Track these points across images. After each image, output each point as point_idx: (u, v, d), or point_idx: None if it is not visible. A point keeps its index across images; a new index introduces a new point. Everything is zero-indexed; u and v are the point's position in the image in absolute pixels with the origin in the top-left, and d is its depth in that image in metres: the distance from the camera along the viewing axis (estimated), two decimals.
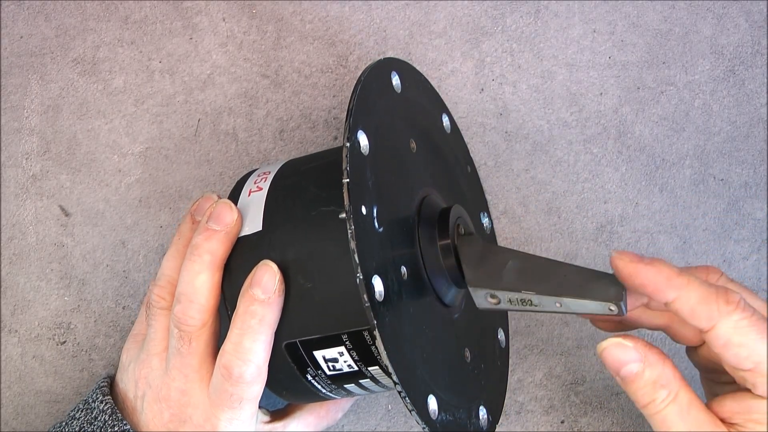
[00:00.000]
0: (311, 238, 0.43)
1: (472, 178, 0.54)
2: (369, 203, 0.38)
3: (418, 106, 0.47)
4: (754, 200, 0.57)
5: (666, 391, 0.39)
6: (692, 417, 0.38)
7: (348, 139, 0.37)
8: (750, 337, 0.37)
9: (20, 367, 0.57)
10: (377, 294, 0.37)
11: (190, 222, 0.48)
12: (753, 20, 0.58)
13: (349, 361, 0.43)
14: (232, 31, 0.59)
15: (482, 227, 0.53)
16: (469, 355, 0.47)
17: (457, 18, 0.58)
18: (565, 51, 0.58)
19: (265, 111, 0.58)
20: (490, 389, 0.50)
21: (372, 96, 0.41)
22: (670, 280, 0.38)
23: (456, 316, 0.46)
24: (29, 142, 0.58)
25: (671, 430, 0.39)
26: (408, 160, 0.45)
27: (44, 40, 0.59)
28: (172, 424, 0.45)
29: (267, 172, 0.47)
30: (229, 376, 0.43)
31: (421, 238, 0.43)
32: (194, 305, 0.44)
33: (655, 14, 0.58)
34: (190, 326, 0.44)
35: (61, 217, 0.58)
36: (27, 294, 0.57)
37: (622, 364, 0.39)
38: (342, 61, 0.58)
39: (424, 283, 0.43)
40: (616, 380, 0.40)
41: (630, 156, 0.57)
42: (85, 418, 0.47)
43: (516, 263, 0.42)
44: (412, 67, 0.48)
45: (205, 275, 0.44)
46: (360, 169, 0.38)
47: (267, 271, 0.42)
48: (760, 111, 0.57)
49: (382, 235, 0.39)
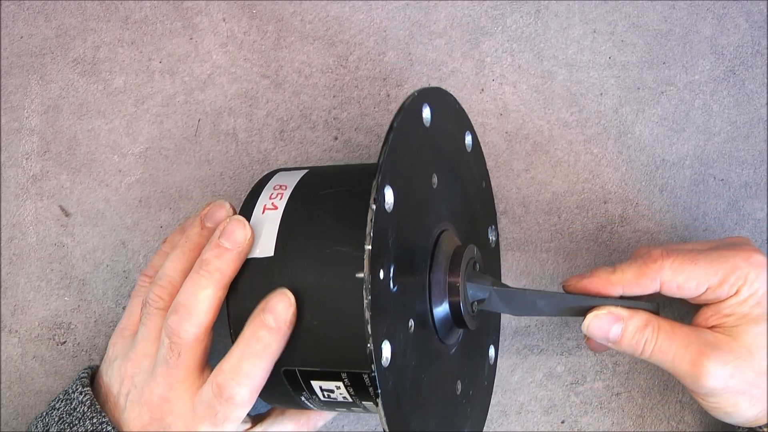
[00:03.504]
0: (323, 277, 0.42)
1: (485, 193, 0.54)
2: (387, 265, 0.39)
3: (444, 134, 0.47)
4: (754, 200, 0.57)
5: (650, 329, 0.45)
6: (678, 334, 0.45)
7: (375, 200, 0.37)
8: (687, 270, 0.45)
9: (20, 367, 0.57)
10: (384, 360, 0.38)
11: (199, 227, 0.47)
12: (753, 20, 0.58)
13: (345, 394, 0.44)
14: (232, 32, 0.59)
15: (488, 242, 0.54)
16: (460, 387, 0.48)
17: (457, 18, 0.58)
18: (565, 51, 0.58)
19: (265, 111, 0.58)
20: (475, 414, 0.51)
21: (402, 140, 0.41)
22: (608, 280, 0.46)
23: (453, 351, 0.47)
24: (29, 142, 0.58)
25: (670, 354, 0.45)
26: (428, 198, 0.45)
27: (44, 40, 0.59)
28: (152, 427, 0.45)
29: (284, 186, 0.46)
30: (220, 395, 0.43)
31: (432, 281, 0.43)
32: (192, 319, 0.44)
33: (655, 14, 0.58)
34: (182, 339, 0.44)
35: (61, 217, 0.58)
36: (27, 294, 0.57)
37: (607, 330, 0.45)
38: (342, 61, 0.58)
39: (428, 328, 0.44)
40: (609, 346, 0.46)
41: (630, 156, 0.57)
42: (65, 409, 0.47)
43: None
44: (442, 92, 0.48)
45: (210, 291, 0.44)
46: (383, 231, 0.38)
47: (282, 300, 0.42)
48: (760, 111, 0.57)
49: (395, 294, 0.39)
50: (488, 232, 0.54)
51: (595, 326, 0.45)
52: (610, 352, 0.56)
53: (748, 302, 0.45)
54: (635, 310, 0.46)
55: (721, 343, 0.45)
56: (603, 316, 0.45)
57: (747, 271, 0.45)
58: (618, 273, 0.46)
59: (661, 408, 0.56)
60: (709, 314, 0.46)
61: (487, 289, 0.45)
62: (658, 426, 0.56)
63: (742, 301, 0.45)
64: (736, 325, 0.45)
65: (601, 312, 0.45)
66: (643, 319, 0.45)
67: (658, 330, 0.45)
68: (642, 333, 0.45)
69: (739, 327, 0.45)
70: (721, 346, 0.45)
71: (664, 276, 0.45)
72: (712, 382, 0.44)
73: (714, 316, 0.46)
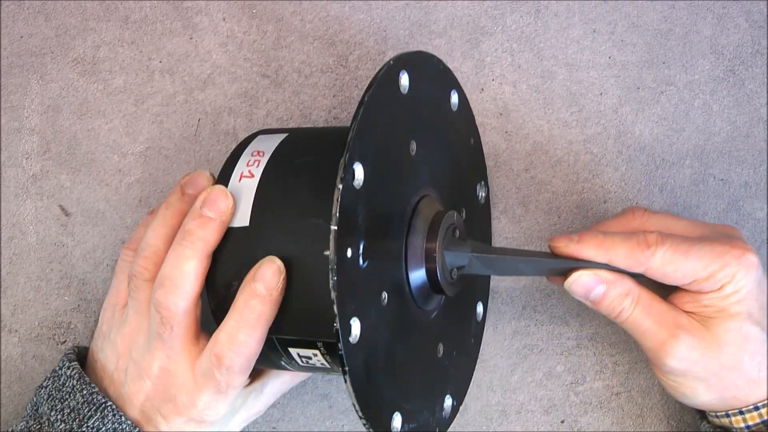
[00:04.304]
0: (297, 250, 0.43)
1: (474, 150, 0.54)
2: (356, 242, 0.39)
3: (425, 98, 0.47)
4: (754, 200, 0.57)
5: (630, 298, 0.45)
6: (655, 310, 0.46)
7: (342, 179, 0.37)
8: (678, 262, 0.45)
9: (20, 367, 0.57)
10: (353, 337, 0.38)
11: (179, 193, 0.47)
12: (753, 20, 0.58)
13: (322, 361, 0.44)
14: (232, 31, 0.59)
15: (477, 199, 0.54)
16: (441, 349, 0.48)
17: (457, 18, 0.58)
18: (565, 51, 0.58)
19: (265, 111, 0.58)
20: (458, 376, 0.51)
21: (375, 112, 0.41)
22: (598, 250, 0.45)
23: (434, 315, 0.47)
24: (29, 142, 0.58)
25: (642, 327, 0.46)
26: (406, 166, 0.45)
27: (44, 40, 0.59)
28: (155, 399, 0.45)
29: (261, 152, 0.46)
30: (219, 365, 0.43)
31: (409, 248, 0.43)
32: (179, 291, 0.44)
33: (655, 14, 0.58)
34: (172, 312, 0.44)
35: (61, 217, 0.58)
36: (27, 294, 0.57)
37: (590, 290, 0.45)
38: (342, 61, 0.58)
39: (405, 296, 0.44)
40: (586, 304, 0.46)
41: (630, 156, 0.57)
42: (53, 386, 0.47)
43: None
44: (423, 55, 0.47)
45: (194, 262, 0.44)
46: (351, 208, 0.38)
47: (271, 267, 0.42)
48: (760, 111, 0.57)
49: (366, 270, 0.40)
50: (477, 188, 0.54)
51: (579, 284, 0.45)
52: (609, 352, 0.56)
53: (730, 298, 0.45)
54: (620, 276, 0.45)
55: (694, 329, 0.45)
56: (589, 275, 0.45)
57: (736, 270, 0.45)
58: (608, 242, 0.45)
59: (661, 408, 0.56)
60: (686, 299, 0.46)
61: (466, 256, 0.45)
62: (658, 426, 0.56)
63: (724, 296, 0.45)
64: (712, 317, 0.45)
65: (587, 272, 0.45)
66: (626, 287, 0.45)
67: (637, 301, 0.45)
68: (621, 300, 0.45)
69: (714, 319, 0.45)
70: (692, 332, 0.45)
71: (653, 263, 0.45)
72: (674, 363, 0.45)
73: (691, 303, 0.46)
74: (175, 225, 0.46)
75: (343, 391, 0.56)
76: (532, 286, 0.57)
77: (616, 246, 0.45)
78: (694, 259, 0.45)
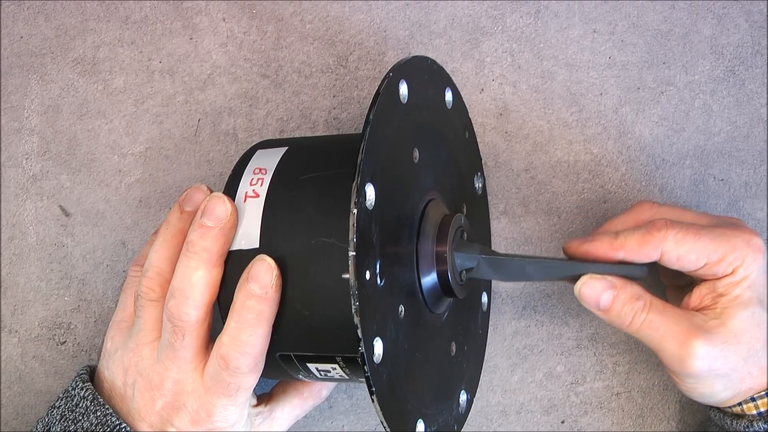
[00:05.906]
0: (310, 269, 0.43)
1: (469, 143, 0.54)
2: (372, 263, 0.39)
3: (423, 102, 0.47)
4: (754, 200, 0.57)
5: (642, 302, 0.45)
6: (669, 313, 0.45)
7: (356, 204, 0.37)
8: (689, 243, 0.45)
9: (20, 367, 0.57)
10: (376, 357, 0.38)
11: (178, 212, 0.47)
12: (753, 20, 0.58)
13: (341, 373, 0.44)
14: (232, 31, 0.59)
15: (475, 190, 0.54)
16: (454, 348, 0.48)
17: (457, 18, 0.58)
18: (565, 51, 0.58)
19: (265, 111, 0.58)
20: (470, 368, 0.51)
21: (380, 129, 0.41)
22: (611, 245, 0.46)
23: (444, 318, 0.47)
24: (29, 142, 0.58)
25: (659, 331, 0.45)
26: (411, 175, 0.45)
27: (44, 40, 0.59)
28: (164, 411, 0.45)
29: (263, 169, 0.46)
30: (226, 367, 0.43)
31: (420, 253, 0.44)
32: (190, 301, 0.44)
33: (655, 14, 0.58)
34: (184, 322, 0.44)
35: (61, 217, 0.58)
36: (27, 294, 0.57)
37: (598, 297, 0.45)
38: (342, 61, 0.58)
39: (418, 302, 0.44)
40: (597, 315, 0.46)
41: (630, 156, 0.57)
42: (66, 406, 0.47)
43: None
44: (417, 59, 0.46)
45: (201, 272, 0.44)
46: (366, 230, 0.38)
47: (263, 266, 0.43)
48: (760, 111, 0.57)
49: (383, 288, 0.40)
50: (474, 180, 0.54)
51: (587, 291, 0.45)
52: (609, 352, 0.56)
53: (742, 284, 0.45)
54: (629, 281, 0.45)
55: (711, 326, 0.45)
56: (596, 281, 0.45)
57: (746, 253, 0.45)
58: (621, 239, 0.46)
59: (661, 408, 0.56)
60: (704, 292, 0.46)
61: (475, 258, 0.45)
62: (658, 426, 0.56)
63: (736, 281, 0.45)
64: (726, 307, 0.45)
65: (595, 277, 0.45)
66: (636, 291, 0.45)
67: (649, 304, 0.45)
68: (633, 304, 0.45)
69: (728, 310, 0.45)
70: (710, 329, 0.45)
71: (666, 246, 0.45)
72: (698, 364, 0.45)
73: (709, 295, 0.46)
74: (176, 245, 0.46)
75: (343, 391, 0.56)
76: (532, 287, 0.57)
77: (627, 237, 0.46)
78: (706, 241, 0.45)
